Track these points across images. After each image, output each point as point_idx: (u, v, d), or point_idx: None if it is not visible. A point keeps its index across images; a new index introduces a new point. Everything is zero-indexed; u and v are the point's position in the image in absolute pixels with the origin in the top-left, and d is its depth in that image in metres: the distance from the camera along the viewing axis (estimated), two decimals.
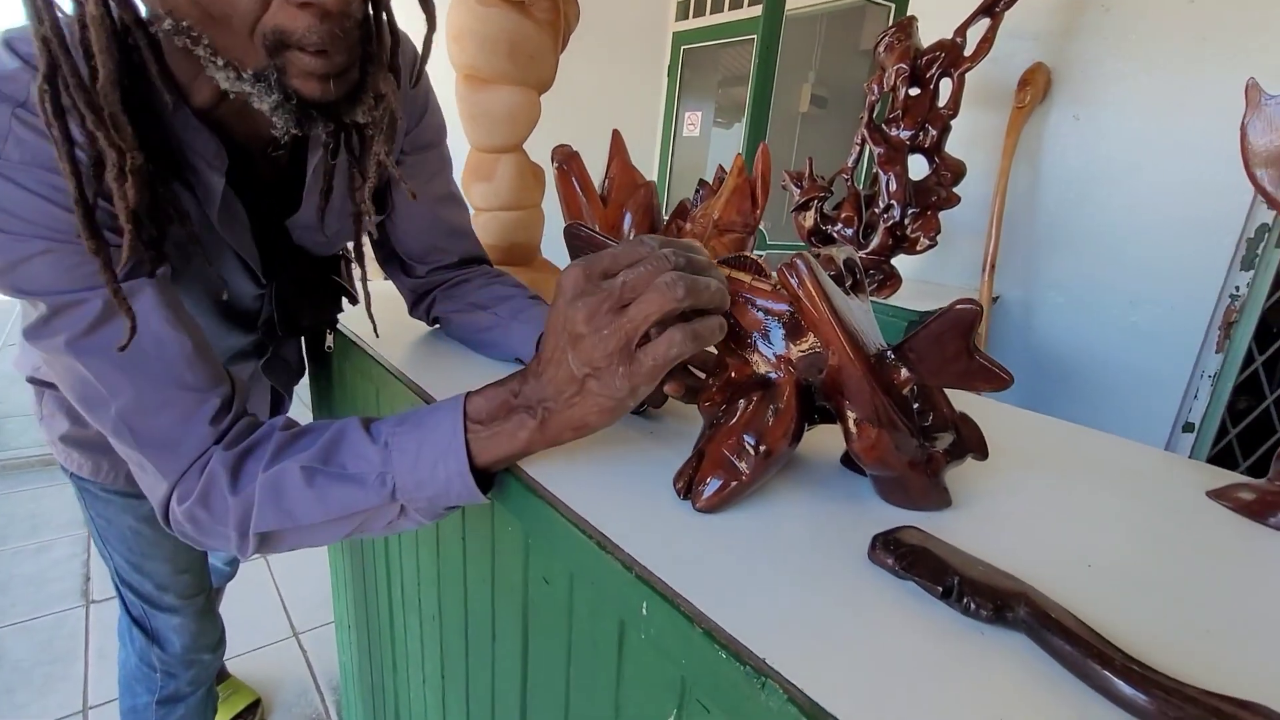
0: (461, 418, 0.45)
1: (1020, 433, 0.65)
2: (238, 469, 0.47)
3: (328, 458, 0.46)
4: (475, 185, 0.98)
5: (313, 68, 0.44)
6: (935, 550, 0.39)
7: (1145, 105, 1.52)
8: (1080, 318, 1.69)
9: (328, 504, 0.46)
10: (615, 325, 0.38)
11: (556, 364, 0.42)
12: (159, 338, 0.47)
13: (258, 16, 0.41)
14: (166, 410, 0.47)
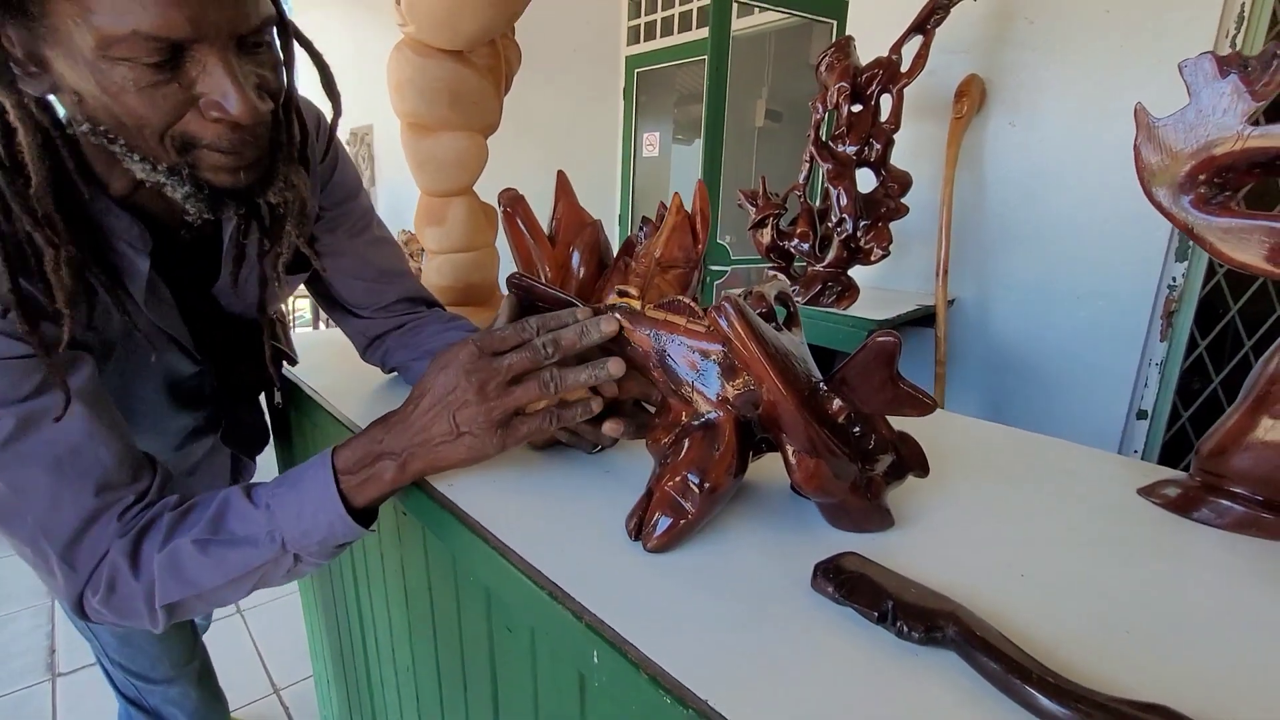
0: (332, 472, 0.49)
1: (965, 442, 0.68)
2: (135, 554, 0.48)
3: (216, 528, 0.49)
4: (428, 229, 0.99)
5: (224, 163, 0.47)
6: (872, 575, 0.40)
7: (1075, 110, 1.60)
8: (1032, 315, 1.74)
9: (225, 567, 0.49)
10: (499, 401, 0.48)
11: (434, 418, 0.49)
12: (76, 447, 0.47)
13: (169, 125, 0.44)
14: (80, 515, 0.47)
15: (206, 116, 0.44)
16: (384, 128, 4.30)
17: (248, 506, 0.50)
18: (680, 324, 0.47)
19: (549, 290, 0.55)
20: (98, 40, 0.40)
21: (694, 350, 0.47)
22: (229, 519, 0.49)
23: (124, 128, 0.44)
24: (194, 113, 0.45)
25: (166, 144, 0.45)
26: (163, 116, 0.44)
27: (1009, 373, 1.81)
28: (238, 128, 0.46)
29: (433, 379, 0.49)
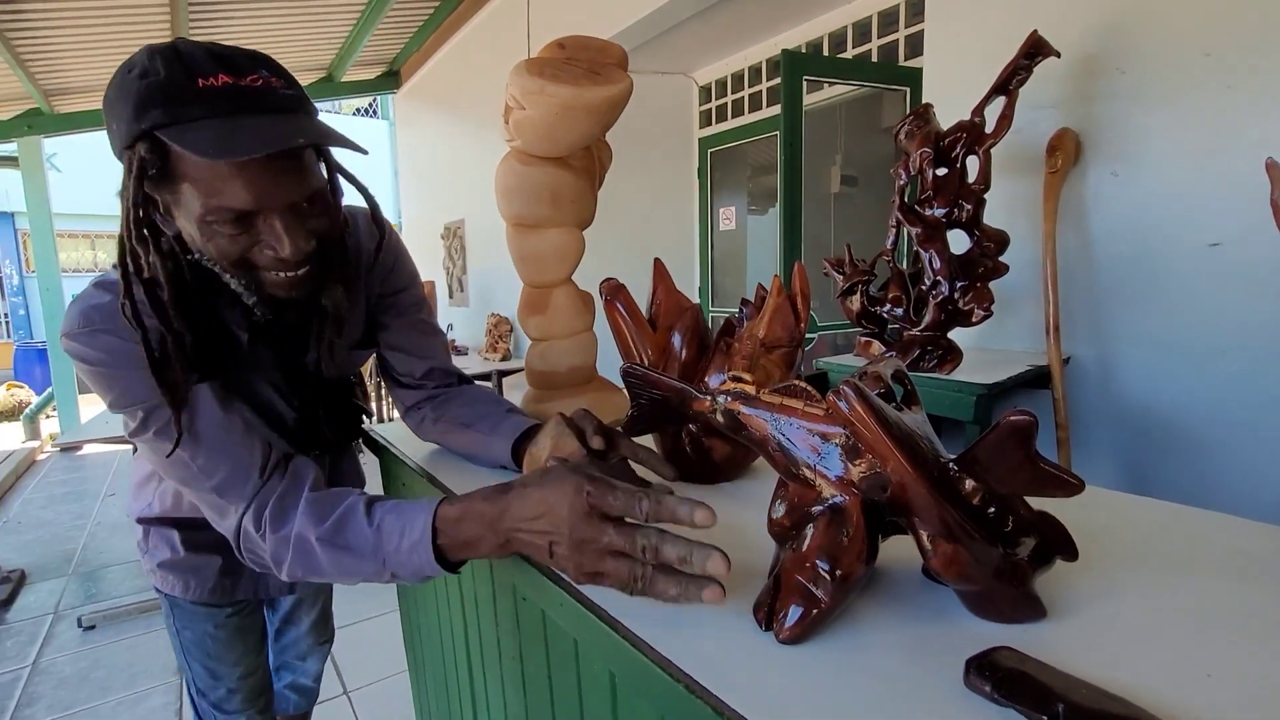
0: (432, 524, 0.58)
1: (1113, 520, 0.62)
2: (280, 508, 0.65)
3: (336, 533, 0.62)
4: (530, 318, 1.06)
5: (279, 282, 0.67)
6: (1034, 673, 0.37)
7: (1185, 156, 1.51)
8: (1165, 372, 1.60)
9: (339, 567, 0.62)
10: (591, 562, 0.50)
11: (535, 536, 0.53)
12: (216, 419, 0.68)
13: (241, 257, 0.64)
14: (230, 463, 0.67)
15: (265, 253, 0.65)
16: (474, 223, 4.66)
17: (363, 523, 0.61)
18: (798, 408, 0.47)
19: (664, 379, 0.57)
20: (201, 210, 0.60)
21: (814, 434, 0.47)
22: (347, 530, 0.62)
23: (214, 258, 0.65)
24: (258, 249, 0.64)
25: (242, 269, 0.66)
26: (237, 253, 0.64)
27: (1147, 437, 1.65)
28: (287, 261, 0.65)
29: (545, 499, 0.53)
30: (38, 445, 5.15)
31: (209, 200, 0.59)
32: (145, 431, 0.67)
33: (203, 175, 0.58)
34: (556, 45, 0.90)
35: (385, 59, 5.28)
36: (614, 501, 0.51)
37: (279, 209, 0.62)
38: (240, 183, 0.59)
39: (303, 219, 0.65)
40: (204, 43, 0.61)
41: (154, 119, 0.57)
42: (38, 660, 2.17)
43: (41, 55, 3.77)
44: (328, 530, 0.62)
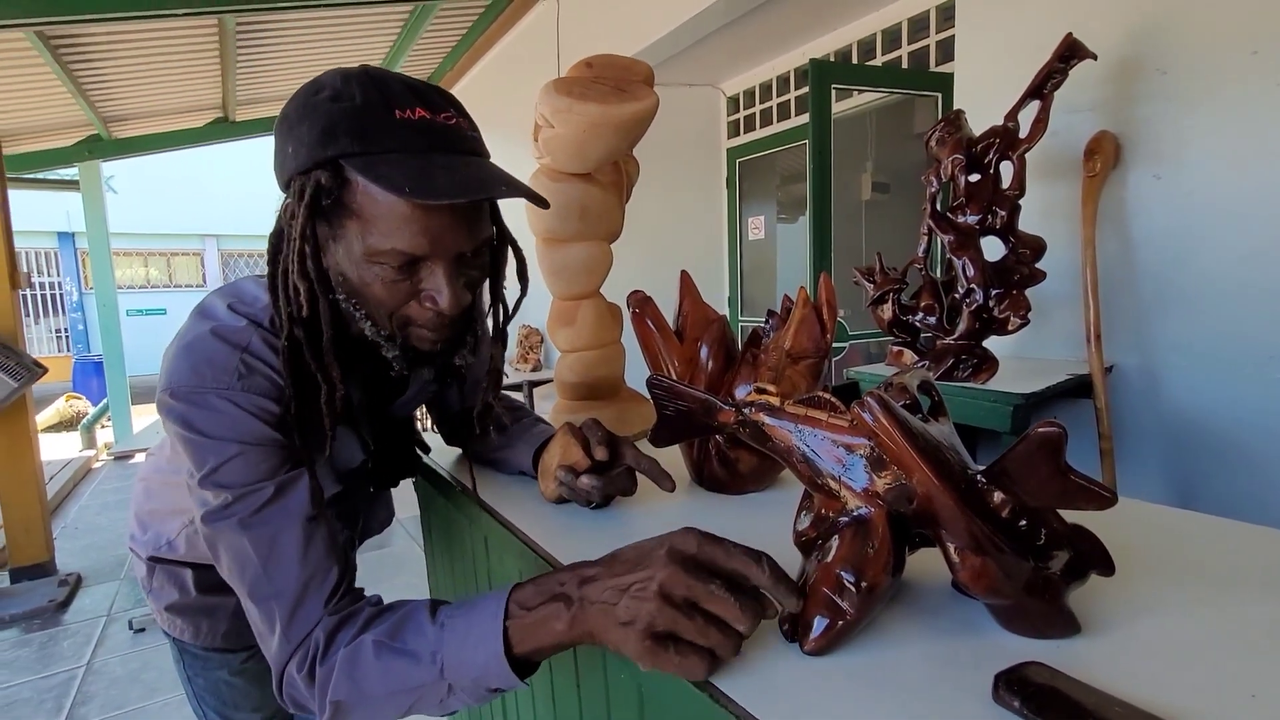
0: (504, 603, 0.48)
1: (1154, 533, 0.61)
2: (331, 637, 0.54)
3: (394, 634, 0.51)
4: (559, 330, 1.07)
5: (428, 337, 0.61)
6: (1066, 689, 0.37)
7: (1230, 157, 1.46)
8: (1212, 379, 1.54)
9: (389, 678, 0.50)
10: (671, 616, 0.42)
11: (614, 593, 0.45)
12: (306, 520, 0.57)
13: (398, 308, 0.59)
14: (300, 583, 0.55)
15: (423, 305, 0.59)
16: None
17: (426, 621, 0.51)
18: (822, 419, 0.47)
19: (689, 390, 0.57)
20: (366, 249, 0.55)
21: (838, 445, 0.47)
22: (408, 629, 0.51)
23: (366, 303, 0.59)
24: (415, 301, 0.59)
25: (392, 320, 0.60)
26: (395, 302, 0.59)
27: (1194, 449, 1.58)
28: (444, 315, 0.59)
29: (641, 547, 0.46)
30: (94, 454, 5.39)
31: (380, 241, 0.54)
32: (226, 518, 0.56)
33: (379, 213, 0.54)
34: (584, 64, 0.92)
35: (421, 78, 5.43)
36: (732, 556, 0.43)
37: (445, 258, 0.57)
38: (419, 227, 0.54)
39: (465, 269, 0.60)
40: (396, 73, 0.58)
41: (343, 146, 0.53)
42: (92, 661, 2.26)
43: (100, 84, 3.98)
44: (385, 631, 0.52)
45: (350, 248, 0.56)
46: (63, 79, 3.64)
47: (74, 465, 4.83)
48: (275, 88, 4.70)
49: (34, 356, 2.75)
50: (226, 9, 2.93)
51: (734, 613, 0.41)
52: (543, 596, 0.48)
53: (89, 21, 2.80)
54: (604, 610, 0.44)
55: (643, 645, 0.42)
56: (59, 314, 12.35)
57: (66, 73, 3.60)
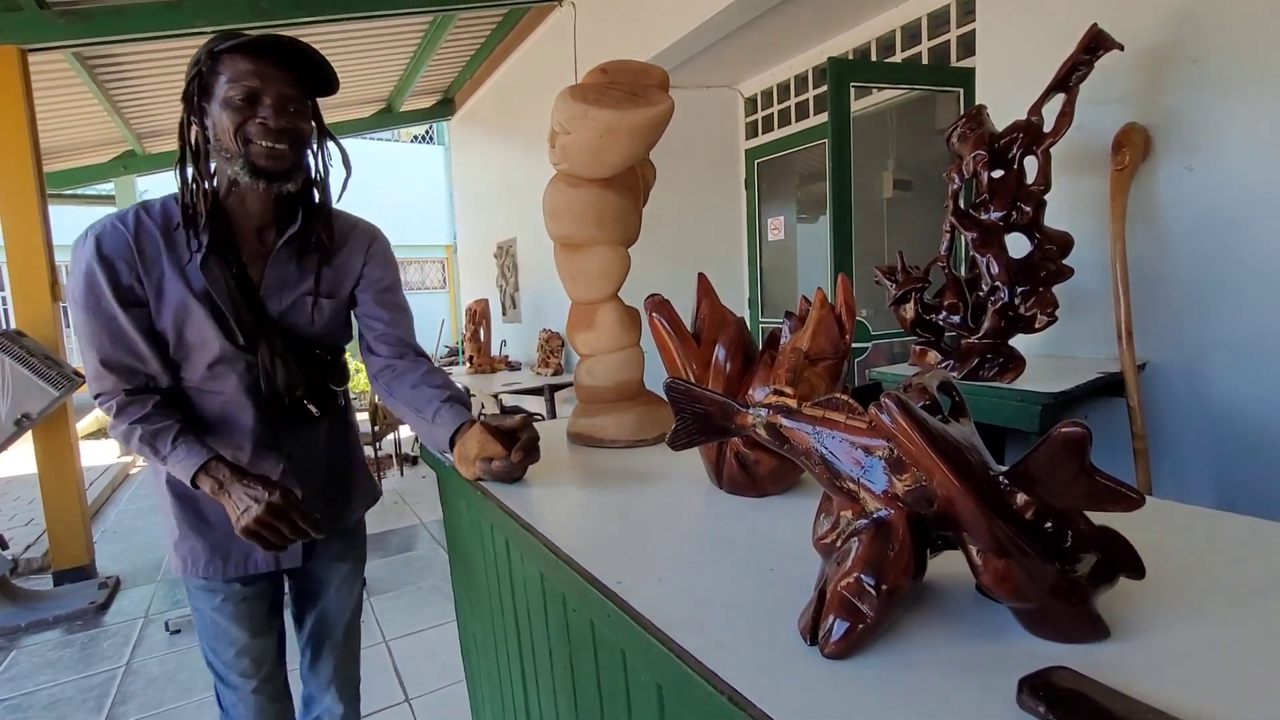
0: (194, 471, 0.92)
1: (1190, 535, 0.59)
2: (123, 407, 0.93)
3: (152, 439, 0.93)
4: (578, 334, 1.08)
5: (265, 151, 0.90)
6: (1092, 694, 0.36)
7: (1266, 146, 1.42)
8: (1253, 376, 1.49)
9: (142, 449, 0.94)
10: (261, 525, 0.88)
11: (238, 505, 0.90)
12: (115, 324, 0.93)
13: (239, 128, 0.89)
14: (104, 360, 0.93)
15: (258, 123, 0.89)
16: (525, 241, 4.78)
17: (166, 444, 0.93)
18: (840, 421, 0.47)
19: (707, 393, 0.57)
20: (225, 92, 0.88)
21: (856, 447, 0.46)
22: (160, 440, 0.93)
23: (223, 134, 0.89)
24: (252, 121, 0.89)
25: (237, 138, 0.89)
26: (238, 124, 0.88)
27: (1236, 448, 1.53)
28: (269, 131, 0.89)
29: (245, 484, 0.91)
30: (131, 459, 5.55)
31: (234, 82, 0.88)
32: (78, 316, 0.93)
33: (235, 67, 0.88)
34: (599, 70, 0.93)
35: (440, 88, 5.50)
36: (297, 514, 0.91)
37: (274, 96, 0.89)
38: (254, 70, 0.88)
39: (288, 115, 0.91)
40: None
41: (216, 43, 0.89)
42: (130, 661, 2.33)
43: (134, 101, 4.11)
44: (149, 434, 0.93)
45: (217, 98, 0.89)
46: (99, 97, 3.77)
47: (112, 471, 4.98)
48: None
49: (74, 366, 2.84)
50: (251, 25, 3.00)
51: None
52: (210, 482, 0.91)
53: (123, 42, 2.90)
54: (229, 502, 0.90)
55: (239, 523, 0.88)
56: None
57: (102, 91, 3.72)
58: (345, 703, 1.26)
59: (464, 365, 4.59)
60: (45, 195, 2.88)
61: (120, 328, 0.92)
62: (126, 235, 0.92)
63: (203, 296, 0.94)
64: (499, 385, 3.80)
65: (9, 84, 2.72)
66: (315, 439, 1.10)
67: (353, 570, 1.23)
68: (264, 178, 0.91)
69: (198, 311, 0.94)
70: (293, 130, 0.91)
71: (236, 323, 0.96)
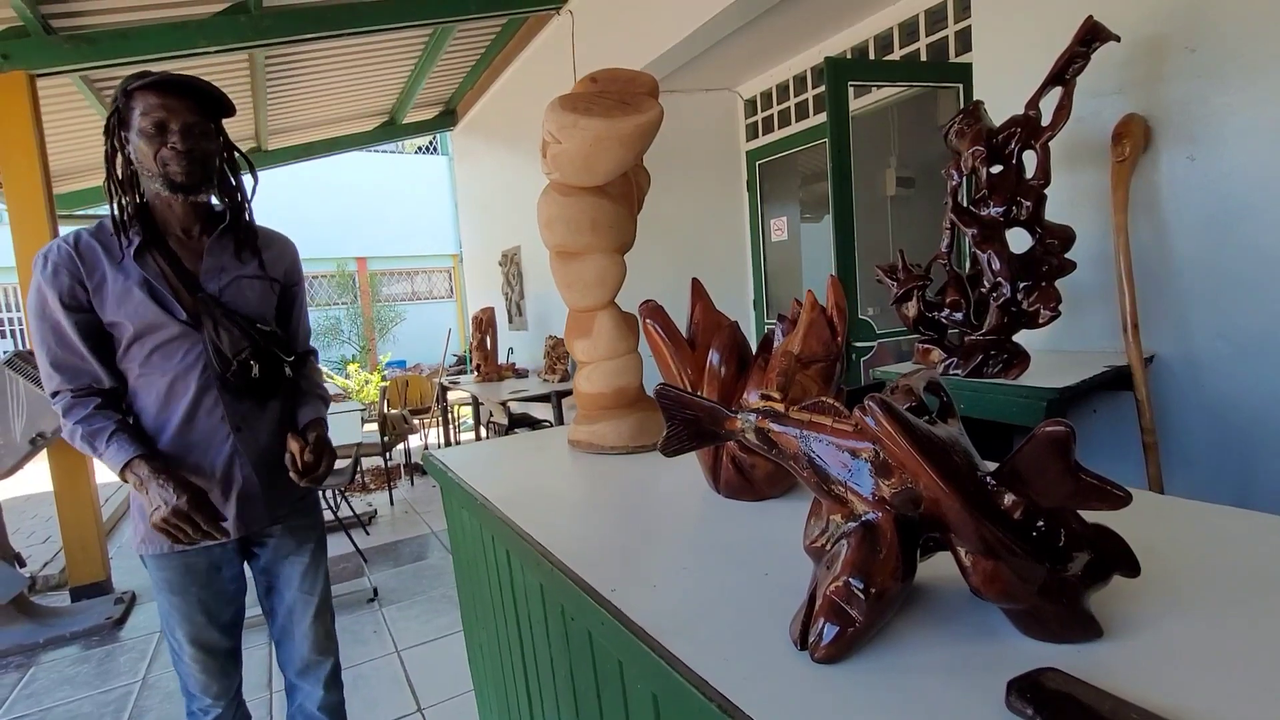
0: (123, 464, 1.05)
1: (1194, 533, 0.58)
2: (69, 408, 1.07)
3: (92, 438, 1.06)
4: (577, 341, 1.08)
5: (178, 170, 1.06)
6: (1079, 695, 0.36)
7: (1268, 134, 1.40)
8: (1265, 366, 1.47)
9: (84, 446, 1.06)
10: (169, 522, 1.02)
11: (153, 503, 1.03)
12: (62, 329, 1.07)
13: (156, 153, 1.05)
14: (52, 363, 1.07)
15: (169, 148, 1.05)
16: (530, 249, 4.80)
17: (103, 443, 1.05)
18: (826, 424, 0.47)
19: (696, 399, 0.57)
20: (140, 124, 1.04)
21: (843, 450, 0.46)
22: (98, 440, 1.05)
23: (144, 158, 1.05)
24: (165, 147, 1.05)
25: (157, 160, 1.05)
26: (154, 149, 1.04)
27: (1249, 442, 1.51)
28: (178, 154, 1.05)
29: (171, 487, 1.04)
30: None
31: (145, 115, 1.04)
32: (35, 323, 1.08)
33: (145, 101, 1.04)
34: (589, 79, 0.93)
35: (442, 99, 5.55)
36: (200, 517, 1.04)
37: (179, 124, 1.05)
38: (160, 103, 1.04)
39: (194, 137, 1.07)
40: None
41: (129, 83, 1.04)
42: (146, 675, 2.35)
43: None
44: (89, 434, 1.05)
45: (133, 128, 1.05)
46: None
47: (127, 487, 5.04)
48: (304, 115, 4.86)
49: None
50: (254, 44, 3.04)
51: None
52: (134, 478, 1.05)
53: (129, 64, 2.95)
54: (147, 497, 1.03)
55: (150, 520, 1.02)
56: None
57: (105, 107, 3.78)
58: (325, 686, 1.30)
59: (472, 374, 4.61)
60: (55, 216, 2.92)
61: (64, 331, 1.06)
62: (68, 248, 1.07)
63: (141, 284, 1.08)
64: (506, 393, 3.82)
65: (18, 109, 2.76)
66: (264, 410, 1.20)
67: (314, 558, 1.29)
68: (180, 191, 1.09)
69: (137, 294, 1.08)
70: (199, 151, 1.08)
71: (176, 300, 1.10)
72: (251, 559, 1.27)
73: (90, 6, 2.79)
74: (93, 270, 1.07)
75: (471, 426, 5.39)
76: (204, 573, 1.19)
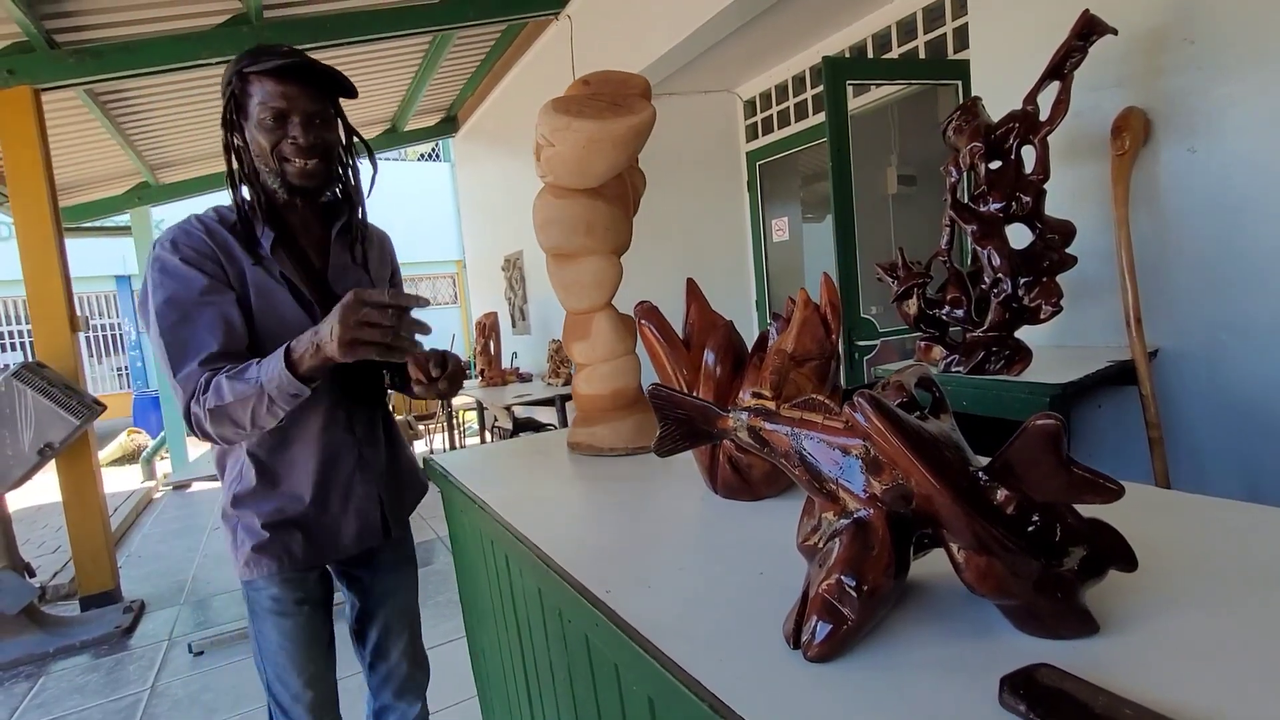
0: (285, 350, 0.87)
1: (1197, 528, 0.58)
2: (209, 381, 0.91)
3: (238, 373, 0.90)
4: (574, 344, 1.08)
5: (298, 169, 0.98)
6: (1073, 691, 0.35)
7: (1268, 124, 1.39)
8: (1266, 359, 1.46)
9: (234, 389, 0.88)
10: (350, 329, 0.83)
11: (328, 324, 0.84)
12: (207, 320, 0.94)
13: (274, 148, 0.97)
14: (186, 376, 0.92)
15: (289, 142, 0.97)
16: (531, 254, 4.81)
17: (253, 365, 0.90)
18: (817, 421, 0.47)
19: (688, 399, 0.57)
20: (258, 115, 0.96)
21: (834, 447, 0.46)
22: (246, 371, 0.90)
23: (262, 152, 0.97)
24: (285, 141, 0.97)
25: (274, 156, 0.97)
26: (272, 143, 0.96)
27: (1256, 435, 1.50)
28: (301, 150, 0.97)
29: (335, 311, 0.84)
30: (154, 485, 5.64)
31: (263, 105, 0.95)
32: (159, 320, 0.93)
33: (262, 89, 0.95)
34: (581, 82, 0.94)
35: (443, 106, 5.57)
36: (376, 294, 0.83)
37: (301, 114, 0.96)
38: (280, 91, 0.95)
39: (315, 129, 0.98)
40: None
41: (243, 64, 0.95)
42: (155, 683, 2.36)
43: (146, 134, 4.21)
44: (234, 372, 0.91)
45: (251, 119, 0.97)
46: (111, 132, 3.86)
47: (135, 496, 5.07)
48: None
49: (95, 395, 2.90)
50: None
51: (382, 315, 0.83)
52: (302, 346, 0.87)
53: (132, 77, 2.97)
54: (325, 333, 0.84)
55: (343, 340, 0.82)
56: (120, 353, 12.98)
57: (114, 125, 3.81)
58: (422, 701, 1.29)
59: (476, 379, 4.62)
60: (62, 229, 2.95)
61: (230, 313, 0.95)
62: (200, 234, 0.97)
63: (281, 281, 1.01)
64: (511, 397, 3.82)
65: (24, 123, 2.79)
66: (377, 420, 1.15)
67: (410, 573, 1.26)
68: (298, 195, 1.01)
69: (278, 293, 1.01)
70: (321, 145, 0.99)
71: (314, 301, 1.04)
72: (352, 582, 1.20)
73: (94, 20, 2.81)
74: (231, 259, 0.98)
75: (476, 431, 5.40)
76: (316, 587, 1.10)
